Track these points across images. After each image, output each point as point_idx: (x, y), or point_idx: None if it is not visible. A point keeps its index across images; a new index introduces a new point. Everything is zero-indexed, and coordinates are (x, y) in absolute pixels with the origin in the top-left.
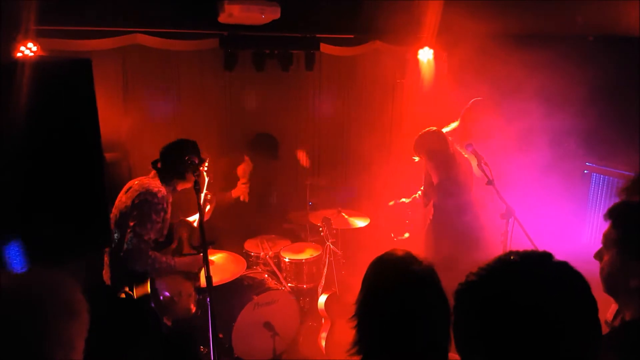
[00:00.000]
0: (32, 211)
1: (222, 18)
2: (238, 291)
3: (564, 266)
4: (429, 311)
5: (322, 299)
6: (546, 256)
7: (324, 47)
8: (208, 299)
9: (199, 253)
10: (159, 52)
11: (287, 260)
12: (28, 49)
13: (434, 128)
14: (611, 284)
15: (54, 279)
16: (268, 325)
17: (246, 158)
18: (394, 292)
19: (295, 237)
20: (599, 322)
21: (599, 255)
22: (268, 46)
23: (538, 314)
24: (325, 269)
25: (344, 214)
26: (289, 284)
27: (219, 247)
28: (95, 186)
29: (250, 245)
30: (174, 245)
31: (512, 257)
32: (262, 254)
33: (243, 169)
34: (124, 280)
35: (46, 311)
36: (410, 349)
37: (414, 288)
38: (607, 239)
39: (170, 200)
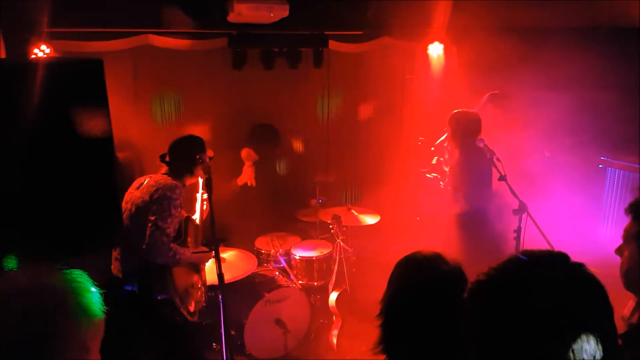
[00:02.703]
0: (46, 210)
1: (231, 17)
2: (249, 288)
3: (580, 269)
4: (457, 312)
5: (333, 296)
6: (561, 257)
7: (333, 44)
8: (220, 297)
9: (210, 250)
10: (169, 52)
11: (297, 257)
12: (41, 51)
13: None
14: (631, 279)
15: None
16: (279, 323)
17: (250, 150)
18: (422, 293)
19: (306, 234)
20: (615, 328)
21: (619, 251)
22: (276, 44)
23: (549, 317)
24: (336, 266)
25: (353, 211)
26: (299, 281)
27: (230, 245)
28: (108, 185)
29: (260, 243)
30: (184, 240)
31: (524, 258)
32: (272, 251)
33: (247, 153)
34: (139, 272)
35: (58, 312)
36: (437, 350)
37: (442, 289)
38: (628, 233)
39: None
